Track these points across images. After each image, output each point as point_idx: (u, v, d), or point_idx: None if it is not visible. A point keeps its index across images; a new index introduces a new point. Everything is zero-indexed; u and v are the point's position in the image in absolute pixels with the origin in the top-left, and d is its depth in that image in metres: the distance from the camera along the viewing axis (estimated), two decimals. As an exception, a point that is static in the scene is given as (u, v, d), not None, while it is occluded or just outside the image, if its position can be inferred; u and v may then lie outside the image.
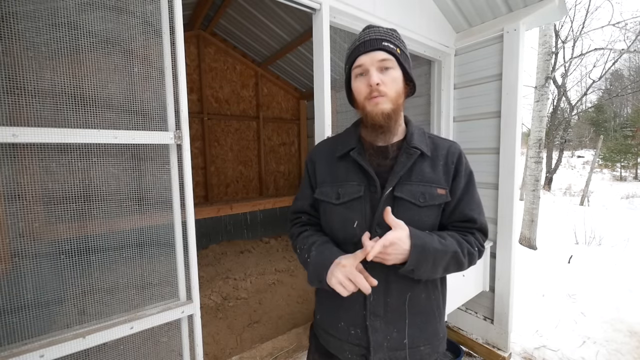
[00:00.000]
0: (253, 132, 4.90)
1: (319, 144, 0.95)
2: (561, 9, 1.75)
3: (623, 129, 17.68)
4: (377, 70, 0.75)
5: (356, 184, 0.80)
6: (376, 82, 0.73)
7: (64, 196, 0.91)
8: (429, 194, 0.78)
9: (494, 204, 2.07)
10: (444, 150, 0.84)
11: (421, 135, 0.84)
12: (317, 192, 0.86)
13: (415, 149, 0.79)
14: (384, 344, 0.80)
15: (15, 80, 0.83)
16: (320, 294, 0.92)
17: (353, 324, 0.82)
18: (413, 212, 0.78)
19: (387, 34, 0.78)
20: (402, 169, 0.78)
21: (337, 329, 0.85)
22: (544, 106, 4.92)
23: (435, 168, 0.81)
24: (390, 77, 0.75)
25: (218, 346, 2.11)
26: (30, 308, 0.87)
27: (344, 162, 0.83)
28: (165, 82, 1.04)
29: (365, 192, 0.79)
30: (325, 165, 0.87)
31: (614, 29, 9.23)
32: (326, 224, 0.87)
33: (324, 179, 0.86)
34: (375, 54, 0.75)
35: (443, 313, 0.89)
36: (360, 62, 0.77)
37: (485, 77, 2.06)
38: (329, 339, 0.87)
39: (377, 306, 0.80)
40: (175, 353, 1.13)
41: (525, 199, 5.10)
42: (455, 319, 2.36)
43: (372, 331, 0.79)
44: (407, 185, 0.78)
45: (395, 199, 0.78)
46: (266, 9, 3.27)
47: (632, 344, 2.35)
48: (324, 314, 0.90)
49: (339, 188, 0.81)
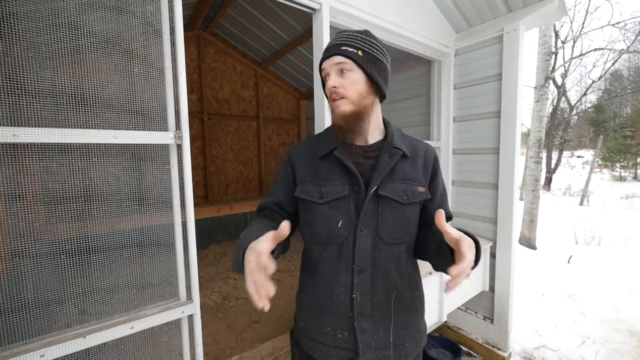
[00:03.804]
0: (253, 132, 4.90)
1: (298, 144, 0.95)
2: (561, 9, 1.75)
3: (623, 129, 17.66)
4: (335, 73, 0.78)
5: (340, 183, 0.80)
6: (332, 85, 0.77)
7: (64, 196, 0.91)
8: (410, 192, 0.81)
9: (494, 204, 2.07)
10: (422, 150, 0.88)
11: (400, 136, 0.87)
12: (298, 191, 0.84)
13: (397, 149, 0.82)
14: (372, 344, 0.80)
15: (15, 80, 0.84)
16: (301, 299, 0.90)
17: (340, 328, 0.80)
18: (397, 209, 0.80)
19: (349, 37, 0.79)
20: (385, 167, 0.79)
21: (323, 335, 0.83)
22: (544, 106, 4.92)
23: (414, 167, 0.84)
24: (349, 80, 0.77)
25: (218, 346, 2.11)
26: (31, 308, 0.87)
27: (327, 162, 0.83)
28: (165, 82, 1.04)
29: (349, 192, 0.79)
30: (306, 165, 0.86)
31: (613, 29, 9.23)
32: (307, 223, 0.85)
33: (305, 177, 0.85)
34: (332, 59, 0.78)
35: (423, 308, 0.92)
36: (323, 66, 0.81)
37: (485, 77, 2.07)
38: (315, 345, 0.85)
39: (364, 306, 0.79)
40: (175, 353, 1.13)
41: (525, 199, 5.10)
42: (455, 319, 2.36)
43: (360, 332, 0.79)
44: (390, 184, 0.80)
45: (379, 198, 0.79)
46: (266, 9, 3.27)
47: (632, 344, 2.35)
48: (307, 320, 0.86)
49: (322, 187, 0.81)
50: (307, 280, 0.88)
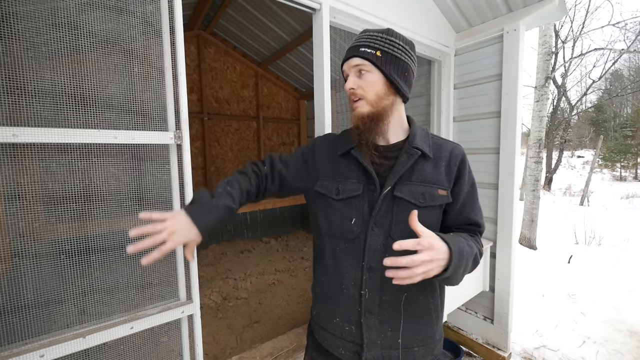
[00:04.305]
0: (253, 132, 4.90)
1: (321, 138, 0.94)
2: (561, 9, 1.75)
3: (623, 129, 17.67)
4: (354, 75, 0.79)
5: (355, 181, 0.81)
6: (349, 87, 0.78)
7: (64, 196, 0.91)
8: (429, 195, 0.79)
9: (494, 204, 2.07)
10: (447, 151, 0.84)
11: (424, 135, 0.85)
12: (318, 186, 0.86)
13: (416, 149, 0.80)
14: (378, 341, 0.80)
15: (15, 80, 0.84)
16: (316, 289, 0.92)
17: (348, 320, 0.82)
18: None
19: (369, 38, 0.79)
20: (402, 168, 0.78)
21: (332, 325, 0.85)
22: (544, 106, 4.92)
23: (437, 169, 0.81)
24: (367, 81, 0.78)
25: (218, 346, 2.11)
26: (31, 308, 0.87)
27: (345, 160, 0.84)
28: (165, 82, 1.04)
29: (364, 191, 0.80)
30: (327, 160, 0.87)
31: (613, 29, 9.23)
32: (322, 217, 0.86)
33: (326, 172, 0.86)
34: (351, 61, 0.79)
35: (441, 316, 0.88)
36: (344, 69, 0.83)
37: (485, 77, 2.06)
38: (324, 334, 0.88)
39: (372, 304, 0.80)
40: (175, 353, 1.13)
41: (525, 199, 5.10)
42: (455, 319, 2.36)
43: (367, 328, 0.80)
44: (408, 185, 0.79)
45: (395, 199, 0.78)
46: (266, 9, 3.27)
47: (632, 344, 2.35)
48: (319, 309, 0.90)
49: (339, 184, 0.83)
50: (319, 271, 0.90)
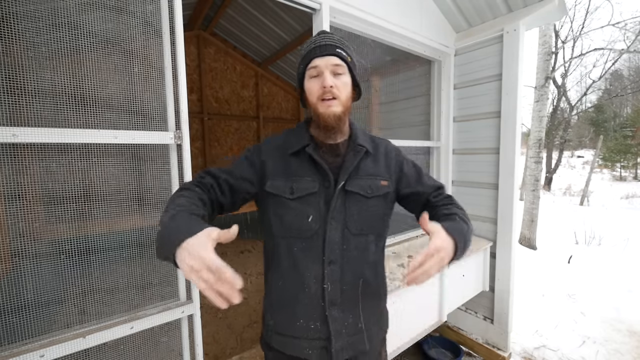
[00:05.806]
0: (253, 132, 4.90)
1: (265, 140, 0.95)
2: (561, 9, 1.75)
3: (623, 129, 17.66)
4: (330, 73, 0.81)
5: (310, 179, 0.84)
6: (330, 85, 0.79)
7: (64, 196, 0.91)
8: (374, 186, 0.87)
9: (494, 204, 2.07)
10: (382, 147, 0.94)
11: (364, 134, 0.93)
12: (268, 186, 0.85)
13: (362, 147, 0.87)
14: (343, 330, 0.84)
15: (15, 80, 0.84)
16: (270, 297, 0.90)
17: (312, 318, 0.83)
18: (362, 203, 0.85)
19: (340, 42, 0.84)
20: (350, 165, 0.84)
21: (294, 328, 0.85)
22: (544, 106, 4.92)
23: (377, 162, 0.90)
24: (342, 82, 0.82)
25: (218, 346, 2.11)
26: (31, 308, 0.87)
27: (298, 159, 0.86)
28: (165, 82, 1.04)
29: (320, 188, 0.83)
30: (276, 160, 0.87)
31: (613, 29, 9.23)
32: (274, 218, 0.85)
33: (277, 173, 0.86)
34: (329, 58, 0.81)
35: (386, 294, 0.98)
36: (315, 63, 0.82)
37: (485, 77, 2.07)
38: (286, 340, 0.86)
39: (335, 294, 0.83)
40: (175, 353, 1.13)
41: (525, 199, 5.10)
42: (455, 319, 2.36)
43: (332, 321, 0.82)
44: (356, 179, 0.85)
45: (347, 193, 0.84)
46: (266, 9, 3.27)
47: (632, 344, 2.35)
48: (277, 316, 0.88)
49: (293, 183, 0.84)
50: (274, 276, 0.88)
